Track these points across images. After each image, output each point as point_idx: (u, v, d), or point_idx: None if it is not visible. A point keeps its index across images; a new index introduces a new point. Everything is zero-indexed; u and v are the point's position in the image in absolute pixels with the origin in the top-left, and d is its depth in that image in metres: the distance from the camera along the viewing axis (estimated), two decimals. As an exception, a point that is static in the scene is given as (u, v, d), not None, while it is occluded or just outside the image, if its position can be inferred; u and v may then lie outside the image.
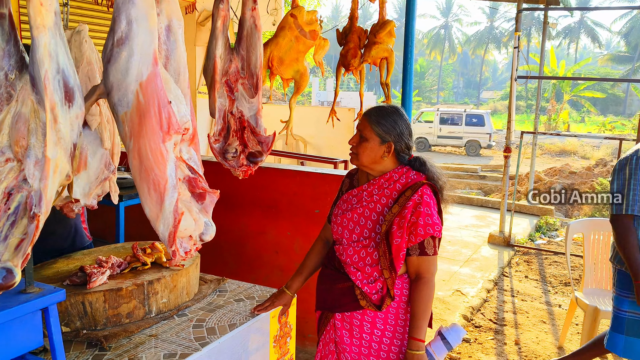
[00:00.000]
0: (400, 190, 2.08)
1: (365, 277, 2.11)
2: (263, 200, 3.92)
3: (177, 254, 1.42)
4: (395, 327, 2.13)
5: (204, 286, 2.66)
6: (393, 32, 2.53)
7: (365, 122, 2.10)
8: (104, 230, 4.20)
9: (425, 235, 2.02)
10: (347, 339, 2.18)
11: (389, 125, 2.08)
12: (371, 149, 2.08)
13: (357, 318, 2.15)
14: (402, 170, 2.13)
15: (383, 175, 2.13)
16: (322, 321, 2.29)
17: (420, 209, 2.01)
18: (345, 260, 2.16)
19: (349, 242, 2.15)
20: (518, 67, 6.59)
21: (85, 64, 1.63)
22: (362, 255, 2.12)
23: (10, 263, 1.05)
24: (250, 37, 1.86)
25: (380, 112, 2.10)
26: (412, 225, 2.01)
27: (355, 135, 2.13)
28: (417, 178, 2.11)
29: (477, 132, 22.51)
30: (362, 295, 2.11)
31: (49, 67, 1.11)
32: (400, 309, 2.12)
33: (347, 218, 2.15)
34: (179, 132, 1.37)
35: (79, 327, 2.15)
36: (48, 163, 1.10)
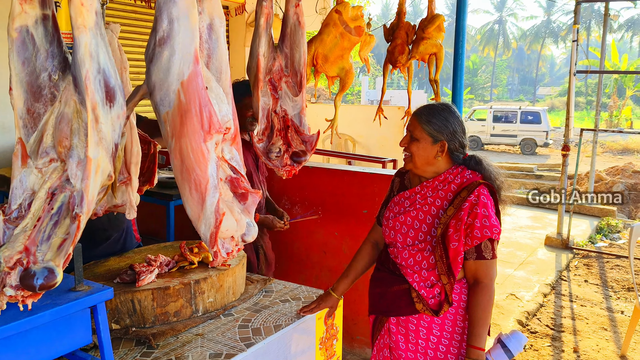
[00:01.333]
0: (455, 191, 1.99)
1: (422, 279, 2.03)
2: (310, 200, 3.90)
3: (218, 254, 1.40)
4: (452, 334, 2.04)
5: (250, 286, 2.66)
6: (442, 26, 2.44)
7: (415, 122, 2.03)
8: (156, 229, 4.30)
9: (482, 237, 1.92)
10: (402, 344, 2.10)
11: (440, 124, 2.00)
12: (424, 149, 2.01)
13: (413, 323, 2.07)
14: (457, 170, 2.04)
15: (437, 177, 2.05)
16: (376, 326, 2.23)
17: (476, 210, 1.92)
18: (400, 263, 2.09)
19: (404, 245, 2.08)
20: (577, 61, 6.28)
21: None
22: (418, 259, 2.04)
23: (53, 263, 1.06)
24: (294, 35, 1.83)
25: (431, 111, 2.03)
26: (468, 227, 1.93)
27: (406, 136, 2.07)
28: (472, 178, 2.01)
29: (533, 130, 21.74)
30: (419, 299, 2.03)
31: (90, 67, 1.12)
32: (458, 315, 2.04)
33: (400, 221, 2.08)
34: (220, 131, 1.35)
35: (129, 325, 2.19)
36: (90, 163, 1.11)
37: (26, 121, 1.14)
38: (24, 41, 1.13)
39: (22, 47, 1.13)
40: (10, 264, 1.03)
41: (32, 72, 1.14)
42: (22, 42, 1.13)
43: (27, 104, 1.13)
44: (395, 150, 8.86)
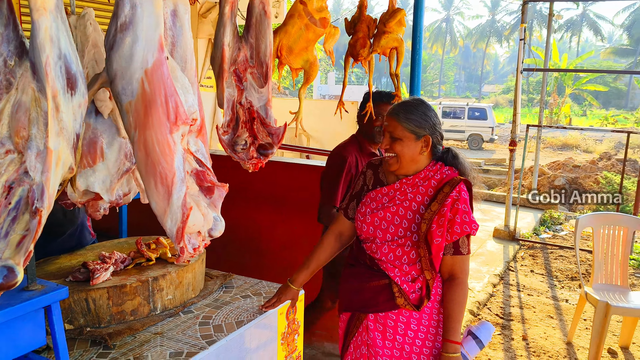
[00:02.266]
0: (436, 186, 2.00)
1: (404, 274, 2.03)
2: (270, 194, 3.86)
3: (185, 250, 1.36)
4: (428, 327, 2.06)
5: (209, 282, 2.60)
6: (403, 21, 2.46)
7: (394, 122, 1.99)
8: (107, 225, 4.14)
9: (461, 233, 1.94)
10: (379, 342, 2.08)
11: (420, 119, 1.98)
12: (408, 147, 1.98)
13: (392, 319, 2.06)
14: (436, 167, 2.05)
15: (417, 174, 2.04)
16: (352, 323, 2.19)
17: (458, 206, 1.93)
18: (380, 258, 2.07)
19: (383, 241, 2.05)
20: (523, 59, 6.50)
21: (90, 47, 1.55)
22: (399, 254, 2.03)
23: (12, 261, 0.98)
24: (260, 25, 1.79)
25: (407, 108, 2.01)
26: (449, 223, 1.94)
27: (385, 137, 2.02)
28: (451, 174, 2.02)
29: (480, 126, 22.44)
30: (401, 293, 2.02)
31: (50, 53, 1.05)
32: (434, 309, 2.05)
33: (379, 217, 2.05)
34: (187, 122, 1.30)
35: (83, 325, 2.10)
36: (50, 155, 1.04)
37: (-22, 110, 1.05)
38: (-25, 24, 1.05)
39: (-27, 30, 1.04)
40: (-37, 263, 0.96)
41: (-15, 57, 1.06)
42: (-26, 25, 1.04)
43: (-21, 91, 1.05)
44: (348, 145, 8.92)
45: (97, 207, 1.67)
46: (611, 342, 4.24)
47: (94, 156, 1.73)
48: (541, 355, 4.02)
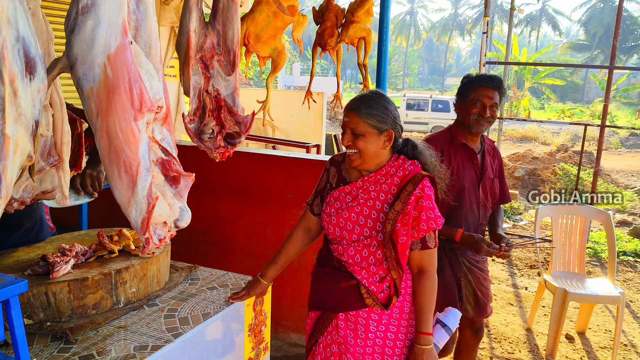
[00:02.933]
0: (399, 184, 1.99)
1: (371, 275, 2.03)
2: (234, 185, 3.82)
3: (150, 241, 1.32)
4: (399, 321, 2.07)
5: (174, 274, 2.56)
6: (371, 10, 2.46)
7: (356, 117, 1.94)
8: (66, 218, 4.02)
9: (428, 230, 1.96)
10: (351, 340, 2.08)
11: (381, 114, 1.95)
12: (371, 142, 1.95)
13: (363, 317, 2.07)
14: (398, 161, 2.03)
15: (379, 171, 2.02)
16: (321, 322, 2.18)
17: (422, 203, 1.94)
18: (347, 260, 2.06)
19: (349, 242, 2.05)
20: (486, 52, 6.61)
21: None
22: (365, 255, 2.03)
23: (-34, 253, 0.94)
24: (227, 11, 1.75)
25: (368, 102, 1.96)
26: (414, 220, 1.94)
27: (346, 134, 1.97)
28: (414, 169, 2.01)
29: (443, 118, 22.80)
30: (368, 294, 2.03)
31: (8, 35, 0.99)
32: (404, 304, 2.07)
33: (344, 218, 2.04)
34: (152, 109, 1.26)
35: (43, 319, 2.03)
36: (7, 142, 0.99)
37: None
38: None
39: None
40: None
41: None
42: None
43: None
44: (314, 136, 8.91)
45: (10, 202, 1.58)
46: (568, 328, 4.39)
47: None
48: (502, 341, 4.12)
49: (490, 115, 2.62)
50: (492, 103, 2.62)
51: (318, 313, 2.21)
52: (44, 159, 1.74)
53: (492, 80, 2.66)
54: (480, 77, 2.69)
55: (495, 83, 2.65)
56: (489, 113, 2.62)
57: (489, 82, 2.65)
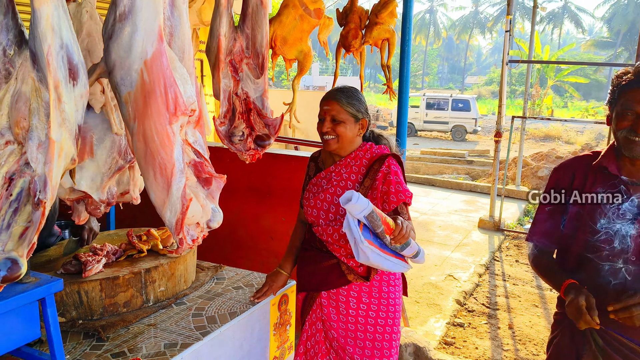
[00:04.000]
0: (367, 165, 2.13)
1: (349, 252, 2.13)
2: (257, 185, 3.85)
3: (184, 241, 1.35)
4: (379, 299, 2.17)
5: (201, 274, 2.60)
6: (395, 12, 2.47)
7: (337, 105, 2.10)
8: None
9: (397, 202, 2.07)
10: (334, 316, 2.20)
11: (358, 104, 2.12)
12: (350, 129, 2.10)
13: (343, 294, 2.18)
14: (366, 147, 2.18)
15: (349, 155, 2.17)
16: (307, 302, 2.30)
17: (390, 178, 2.06)
18: (327, 240, 2.19)
19: (326, 222, 2.18)
20: (509, 51, 6.55)
21: (84, 36, 1.52)
22: (342, 233, 2.13)
23: (15, 253, 0.97)
24: (256, 15, 1.78)
25: (347, 93, 2.12)
26: (384, 194, 2.07)
27: (326, 121, 2.11)
28: (380, 151, 2.16)
29: (463, 117, 22.59)
30: (349, 270, 2.16)
31: (52, 42, 1.03)
32: (382, 280, 2.17)
33: (320, 199, 2.18)
34: (186, 113, 1.29)
35: (75, 317, 2.08)
36: (52, 145, 1.03)
37: (-23, 100, 1.03)
38: (-27, 12, 1.02)
39: (-29, 18, 1.02)
40: (-35, 255, 0.94)
41: (-16, 46, 1.03)
42: (-28, 13, 1.02)
43: (-23, 81, 1.03)
44: (334, 136, 8.91)
45: (97, 205, 1.62)
46: (594, 330, 4.33)
47: (82, 152, 1.69)
48: (527, 343, 4.09)
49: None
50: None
51: (304, 294, 2.32)
52: (122, 157, 1.80)
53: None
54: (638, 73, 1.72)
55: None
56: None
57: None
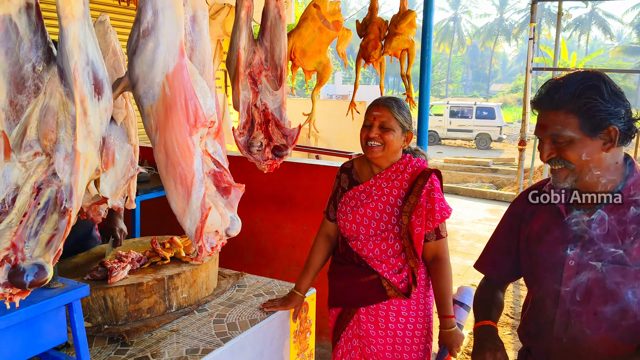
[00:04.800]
0: (409, 179, 2.12)
1: (390, 267, 2.14)
2: (279, 194, 3.90)
3: (203, 249, 1.39)
4: (417, 311, 2.18)
5: (222, 281, 2.64)
6: (414, 22, 2.49)
7: (388, 113, 2.09)
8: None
9: (441, 220, 2.09)
10: (372, 332, 2.19)
11: (407, 115, 2.13)
12: (397, 139, 2.10)
13: (383, 309, 2.17)
14: (405, 159, 2.17)
15: (389, 168, 2.15)
16: (343, 317, 2.28)
17: (434, 196, 2.07)
18: (367, 255, 2.17)
19: (367, 237, 2.16)
20: (532, 58, 6.50)
21: (110, 55, 1.60)
22: (384, 248, 2.14)
23: (42, 259, 1.03)
24: (275, 28, 1.83)
25: (398, 103, 2.13)
26: (429, 212, 2.07)
27: (374, 127, 2.10)
28: (421, 165, 2.16)
29: (488, 125, 22.38)
30: (390, 286, 2.14)
31: (79, 59, 1.09)
32: (420, 293, 2.18)
33: (360, 214, 2.15)
34: (206, 125, 1.34)
35: (101, 322, 2.14)
36: (78, 157, 1.08)
37: (8, 113, 1.09)
38: (7, 31, 1.08)
39: (4, 37, 1.08)
40: (-4, 261, 1.00)
41: (15, 63, 1.10)
42: (5, 32, 1.08)
43: (9, 95, 1.09)
44: (355, 144, 8.96)
45: (99, 211, 1.70)
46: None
47: (107, 161, 1.76)
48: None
49: None
50: None
51: (339, 310, 2.30)
52: (132, 166, 1.87)
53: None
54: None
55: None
56: None
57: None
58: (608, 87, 1.38)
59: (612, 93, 1.38)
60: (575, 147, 1.39)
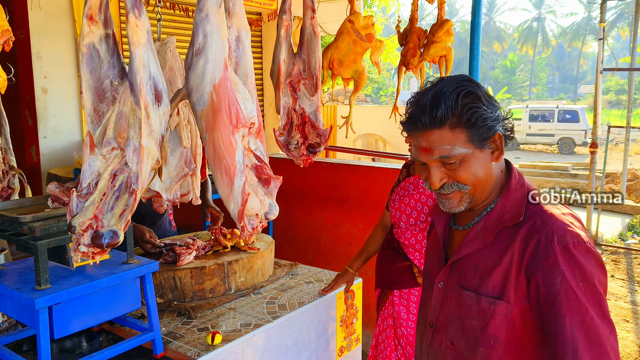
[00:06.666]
0: None
1: (422, 256, 2.29)
2: (337, 194, 4.16)
3: (245, 229, 1.68)
4: None
5: (278, 270, 2.93)
6: (451, 30, 2.67)
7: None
8: (190, 223, 4.65)
9: None
10: (404, 314, 2.37)
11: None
12: None
13: (414, 295, 2.34)
14: None
15: None
16: (381, 298, 2.50)
17: None
18: (403, 242, 2.35)
19: (407, 225, 2.33)
20: (604, 59, 6.33)
21: (167, 70, 1.95)
22: (419, 238, 2.31)
23: (116, 227, 1.35)
24: (310, 43, 2.11)
25: None
26: None
27: None
28: None
29: (571, 129, 21.32)
30: (420, 273, 2.30)
31: (143, 75, 1.41)
32: None
33: (405, 203, 2.33)
34: (246, 125, 1.63)
35: (171, 299, 2.50)
36: (143, 150, 1.40)
37: (93, 118, 1.44)
38: (91, 55, 1.44)
39: (90, 60, 1.44)
40: (83, 227, 1.34)
41: (98, 79, 1.44)
42: (90, 56, 1.44)
43: (94, 104, 1.44)
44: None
45: (161, 203, 2.04)
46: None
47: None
48: (611, 357, 3.97)
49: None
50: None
51: (379, 290, 2.51)
52: (187, 166, 2.22)
53: None
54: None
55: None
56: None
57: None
58: (481, 90, 1.25)
59: (487, 96, 1.26)
60: (468, 165, 1.25)
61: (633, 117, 23.96)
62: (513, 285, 1.22)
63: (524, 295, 1.21)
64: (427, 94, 1.24)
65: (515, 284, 1.22)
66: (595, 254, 1.20)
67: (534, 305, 1.20)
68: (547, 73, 66.15)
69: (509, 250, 1.24)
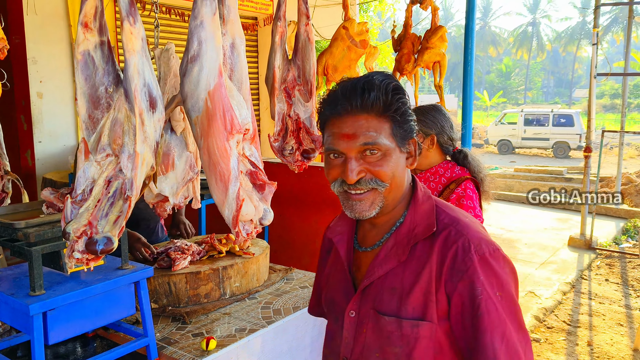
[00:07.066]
0: (445, 183, 2.24)
1: None
2: (332, 199, 4.16)
3: (240, 234, 1.69)
4: None
5: (273, 274, 2.93)
6: (445, 37, 2.69)
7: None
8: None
9: None
10: None
11: (429, 121, 2.28)
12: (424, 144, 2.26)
13: None
14: (448, 165, 2.30)
15: (429, 169, 2.30)
16: None
17: (463, 202, 2.15)
18: None
19: None
20: (597, 64, 6.38)
21: (172, 76, 1.96)
22: None
23: (110, 233, 1.36)
24: (305, 49, 2.12)
25: (420, 111, 2.30)
26: None
27: None
28: (461, 173, 2.26)
29: (566, 133, 21.43)
30: None
31: (138, 82, 1.42)
32: None
33: None
34: (240, 131, 1.64)
35: (165, 304, 2.49)
36: (137, 157, 1.41)
37: (88, 124, 1.45)
38: (86, 62, 1.44)
39: (84, 67, 1.44)
40: (77, 234, 1.34)
41: (93, 86, 1.45)
42: (85, 63, 1.44)
43: (88, 111, 1.45)
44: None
45: (165, 208, 2.05)
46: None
47: (167, 166, 2.13)
48: (605, 360, 3.99)
49: None
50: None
51: None
52: (192, 170, 2.23)
53: None
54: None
55: None
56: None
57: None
58: (406, 93, 1.22)
59: (409, 102, 1.22)
60: (390, 160, 1.17)
61: (627, 121, 24.22)
62: (434, 303, 1.15)
63: (445, 312, 1.15)
64: (357, 81, 1.19)
65: (436, 302, 1.15)
66: (509, 261, 1.18)
67: (456, 320, 1.15)
68: (542, 77, 66.50)
69: (427, 265, 1.17)
